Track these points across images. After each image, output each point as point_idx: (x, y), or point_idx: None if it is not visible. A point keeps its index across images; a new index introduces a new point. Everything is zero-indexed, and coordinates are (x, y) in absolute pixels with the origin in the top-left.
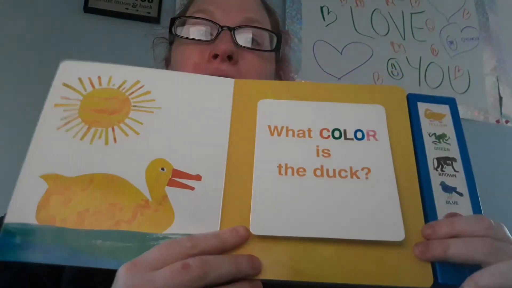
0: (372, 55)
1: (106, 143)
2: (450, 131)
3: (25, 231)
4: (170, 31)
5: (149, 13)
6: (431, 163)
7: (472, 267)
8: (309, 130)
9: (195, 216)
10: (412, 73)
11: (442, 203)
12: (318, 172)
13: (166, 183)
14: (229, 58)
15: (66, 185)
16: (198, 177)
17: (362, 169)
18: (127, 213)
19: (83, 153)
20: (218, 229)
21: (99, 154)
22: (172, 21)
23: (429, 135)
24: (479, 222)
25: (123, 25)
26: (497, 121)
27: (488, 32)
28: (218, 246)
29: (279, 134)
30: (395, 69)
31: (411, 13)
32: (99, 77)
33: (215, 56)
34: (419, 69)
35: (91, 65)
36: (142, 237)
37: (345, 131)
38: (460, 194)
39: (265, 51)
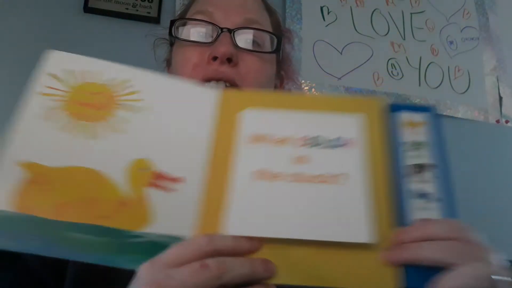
0: (372, 55)
1: (91, 137)
2: (429, 139)
3: (0, 217)
4: (170, 33)
5: (149, 13)
6: (406, 169)
7: (438, 270)
8: (288, 138)
9: (172, 217)
10: (412, 73)
11: (415, 209)
12: (295, 178)
13: (146, 183)
14: (229, 60)
15: (46, 175)
16: (178, 180)
17: (338, 175)
18: (106, 209)
19: (66, 144)
20: (195, 231)
21: (82, 147)
22: (172, 23)
23: (406, 142)
24: (449, 226)
25: (123, 25)
26: (497, 121)
27: (488, 32)
28: (235, 248)
29: (258, 142)
30: (395, 69)
31: (411, 13)
32: (86, 71)
33: (215, 58)
34: (419, 69)
35: (79, 58)
36: (119, 233)
37: (323, 139)
38: (436, 200)
39: (265, 52)
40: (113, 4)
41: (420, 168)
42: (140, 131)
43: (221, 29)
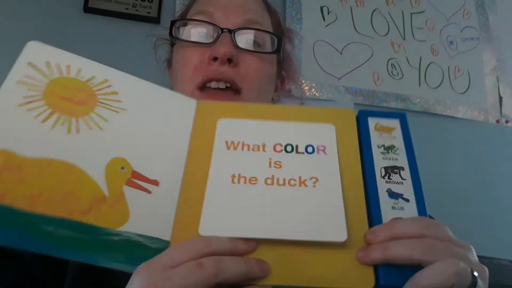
0: (372, 55)
1: (69, 131)
2: (399, 143)
3: None
4: (171, 33)
5: (149, 13)
6: (378, 172)
7: (414, 268)
8: (263, 145)
9: (149, 217)
10: (412, 73)
11: (388, 208)
12: (269, 181)
13: (124, 182)
14: (229, 60)
15: (21, 164)
16: (155, 182)
17: (311, 178)
18: (83, 204)
19: (44, 136)
20: (170, 233)
21: (60, 140)
22: (172, 23)
23: (377, 146)
24: (417, 223)
25: (123, 25)
26: (497, 121)
27: (488, 32)
28: (231, 249)
29: (235, 148)
30: (395, 69)
31: (411, 13)
32: (68, 66)
33: (215, 58)
34: (419, 69)
35: (60, 52)
36: (95, 230)
37: (297, 146)
38: (407, 200)
39: (266, 53)
40: (113, 4)
41: (391, 170)
42: (118, 131)
43: (222, 29)
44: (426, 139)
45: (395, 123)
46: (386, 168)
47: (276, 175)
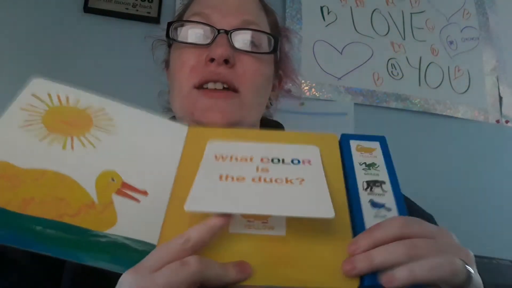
0: (372, 55)
1: (64, 148)
2: (379, 161)
3: None
4: (168, 35)
5: (149, 13)
6: (360, 185)
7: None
8: (251, 157)
9: (137, 223)
10: (412, 73)
11: (370, 217)
12: (256, 180)
13: (114, 191)
14: (226, 61)
15: (16, 173)
16: (144, 192)
17: (297, 178)
18: (72, 208)
19: (40, 151)
20: (157, 240)
21: (55, 155)
22: (169, 25)
23: (359, 164)
24: (396, 224)
25: (123, 25)
26: (497, 121)
27: (488, 32)
28: (209, 231)
29: (223, 160)
30: (395, 69)
31: (411, 13)
32: (67, 97)
33: (212, 59)
34: (419, 69)
35: (61, 85)
36: (83, 232)
37: (283, 159)
38: (388, 209)
39: (262, 53)
40: (113, 4)
41: (372, 183)
42: (111, 149)
43: (218, 30)
44: (426, 139)
45: (375, 145)
46: (368, 182)
47: (263, 176)
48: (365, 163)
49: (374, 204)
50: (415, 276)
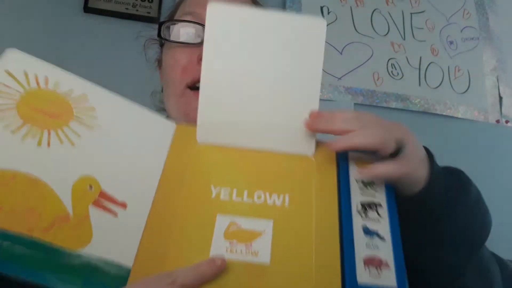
0: (372, 55)
1: (39, 144)
2: (378, 180)
3: None
4: (159, 34)
5: (149, 13)
6: (355, 207)
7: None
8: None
9: (112, 242)
10: (412, 73)
11: (361, 246)
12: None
13: (91, 202)
14: None
15: None
16: (123, 205)
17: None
18: (44, 221)
19: (12, 147)
20: (133, 259)
21: (29, 153)
22: (160, 24)
23: (356, 181)
24: (352, 118)
25: (123, 25)
26: (497, 121)
27: (488, 32)
28: (198, 279)
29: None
30: (395, 69)
31: (411, 13)
32: (46, 77)
33: None
34: (419, 69)
35: (40, 62)
36: (53, 251)
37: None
38: (382, 238)
39: None
40: (113, 4)
41: (368, 205)
42: (91, 148)
43: None
44: (426, 139)
45: (373, 160)
46: (363, 204)
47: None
48: (362, 180)
49: (367, 231)
50: (353, 141)
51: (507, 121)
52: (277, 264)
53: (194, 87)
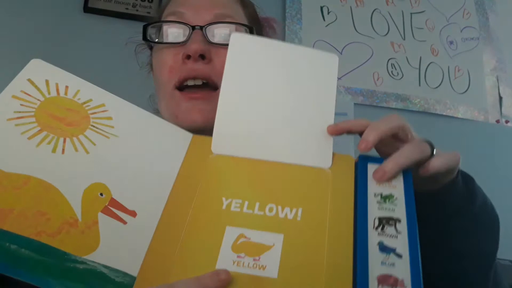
0: (372, 55)
1: (54, 151)
2: (398, 193)
3: None
4: (144, 37)
5: (149, 13)
6: (371, 222)
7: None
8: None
9: (119, 249)
10: (412, 73)
11: (377, 263)
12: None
13: (100, 209)
14: (202, 57)
15: None
16: (133, 213)
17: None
18: (52, 226)
19: (26, 152)
20: (139, 268)
21: (43, 159)
22: (145, 28)
23: (374, 195)
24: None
25: (123, 25)
26: (497, 121)
27: (488, 32)
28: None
29: None
30: (395, 69)
31: (411, 13)
32: (66, 87)
33: (188, 57)
34: (419, 69)
35: (62, 72)
36: (60, 255)
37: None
38: (399, 256)
39: None
40: (113, 4)
41: (385, 221)
42: (105, 157)
43: (193, 27)
44: None
45: None
46: (380, 219)
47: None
48: (381, 194)
49: (383, 248)
50: (400, 163)
51: (507, 121)
52: (285, 279)
53: (182, 87)
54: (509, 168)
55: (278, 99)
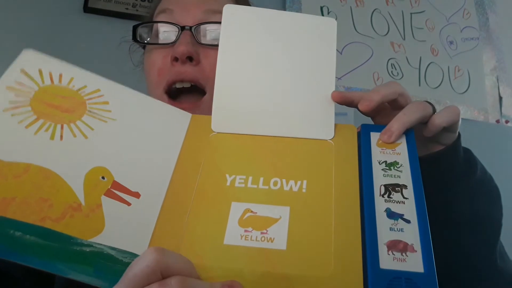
0: (372, 55)
1: (52, 138)
2: (403, 159)
3: None
4: (134, 38)
5: (148, 13)
6: (377, 189)
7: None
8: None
9: (125, 231)
10: (412, 73)
11: (385, 229)
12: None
13: (103, 192)
14: (190, 59)
15: None
16: (136, 194)
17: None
18: (56, 211)
19: (25, 140)
20: (146, 248)
21: (42, 146)
22: (134, 28)
23: (379, 162)
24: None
25: (123, 25)
26: (497, 121)
27: (488, 32)
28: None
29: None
30: (395, 69)
31: (411, 13)
32: (60, 75)
33: (176, 59)
34: (419, 69)
35: (54, 61)
36: (65, 239)
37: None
38: (407, 221)
39: None
40: (113, 4)
41: (391, 188)
42: (104, 141)
43: (181, 27)
44: None
45: (400, 139)
46: (386, 186)
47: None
48: (385, 161)
49: (390, 214)
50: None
51: (507, 121)
52: (294, 250)
53: (172, 92)
54: (509, 168)
55: (276, 71)
